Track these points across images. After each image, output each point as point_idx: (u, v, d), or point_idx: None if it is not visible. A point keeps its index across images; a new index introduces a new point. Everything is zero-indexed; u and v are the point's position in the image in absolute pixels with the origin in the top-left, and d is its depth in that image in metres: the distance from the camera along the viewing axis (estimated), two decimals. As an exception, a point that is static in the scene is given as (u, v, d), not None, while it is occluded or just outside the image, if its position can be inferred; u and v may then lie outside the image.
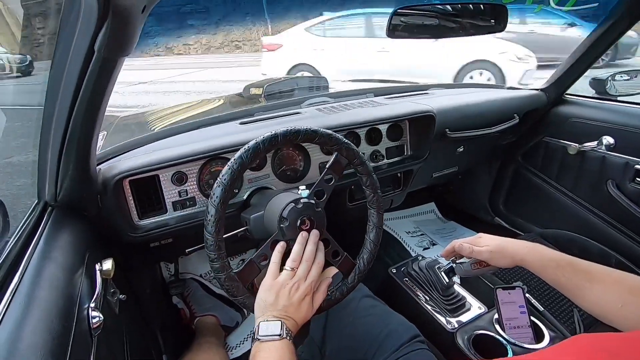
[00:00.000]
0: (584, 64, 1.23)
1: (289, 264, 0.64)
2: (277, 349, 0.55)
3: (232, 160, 0.67)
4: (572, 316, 0.93)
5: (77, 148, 0.62)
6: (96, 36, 0.46)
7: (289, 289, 0.61)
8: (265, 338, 0.55)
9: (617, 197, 1.16)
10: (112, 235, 0.83)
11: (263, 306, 0.60)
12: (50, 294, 0.49)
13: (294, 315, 0.60)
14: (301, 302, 0.62)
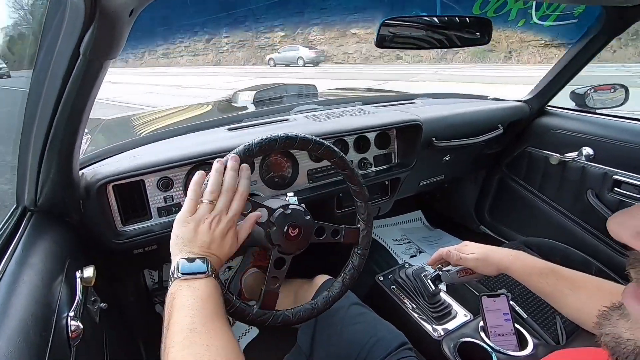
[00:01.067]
0: (564, 78, 1.27)
1: (206, 196, 0.56)
2: (202, 287, 0.49)
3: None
4: (554, 323, 0.94)
5: (59, 152, 0.61)
6: (82, 38, 0.45)
7: (208, 223, 0.54)
8: (187, 276, 0.49)
9: (597, 207, 1.20)
10: (94, 242, 0.81)
11: (180, 243, 0.54)
12: (28, 302, 0.47)
13: (217, 252, 0.54)
14: (224, 237, 0.55)
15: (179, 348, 0.42)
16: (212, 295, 0.49)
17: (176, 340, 0.43)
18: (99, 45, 0.47)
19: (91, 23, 0.44)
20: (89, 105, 0.57)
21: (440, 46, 0.87)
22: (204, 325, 0.45)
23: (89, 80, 0.52)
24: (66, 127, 0.57)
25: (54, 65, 0.52)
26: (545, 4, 9.89)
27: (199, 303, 0.47)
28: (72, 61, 0.49)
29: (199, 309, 0.46)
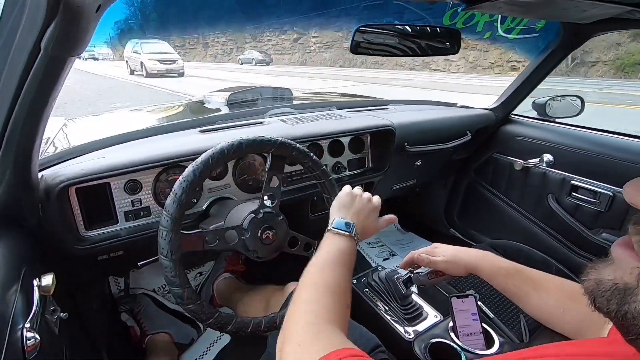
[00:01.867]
0: (527, 88, 1.35)
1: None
2: (344, 242, 0.61)
3: (190, 166, 0.65)
4: (519, 322, 0.98)
5: (16, 152, 0.57)
6: (43, 33, 0.43)
7: (363, 197, 0.71)
8: (336, 230, 0.62)
9: (556, 210, 1.27)
10: (54, 248, 0.76)
11: (339, 207, 0.68)
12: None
13: (363, 223, 0.67)
14: (370, 213, 0.70)
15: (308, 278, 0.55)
16: (347, 251, 0.60)
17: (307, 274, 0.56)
18: (62, 40, 0.44)
19: (54, 17, 0.41)
20: (50, 103, 0.54)
21: (412, 54, 0.90)
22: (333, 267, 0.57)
23: (50, 77, 0.50)
24: (24, 126, 0.54)
25: (12, 60, 0.48)
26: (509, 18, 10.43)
27: (336, 252, 0.59)
28: (32, 57, 0.46)
29: (334, 256, 0.59)
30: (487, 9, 0.73)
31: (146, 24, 45.57)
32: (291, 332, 0.47)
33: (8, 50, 0.48)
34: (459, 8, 0.71)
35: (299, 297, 0.53)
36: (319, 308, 0.50)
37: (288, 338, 0.47)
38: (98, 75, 15.30)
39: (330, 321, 0.48)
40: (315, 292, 0.53)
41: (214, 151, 0.68)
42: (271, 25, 29.76)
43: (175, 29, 37.95)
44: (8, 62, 0.49)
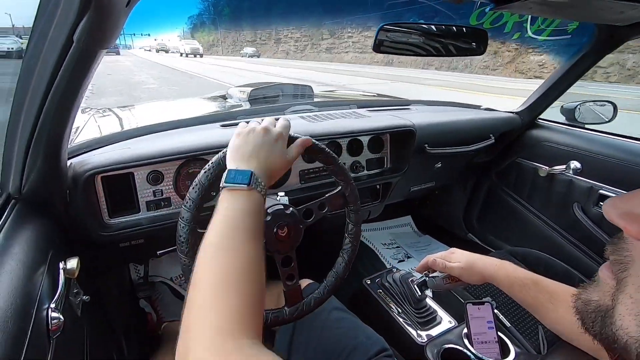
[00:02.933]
0: (556, 92, 1.30)
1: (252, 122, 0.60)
2: (243, 200, 0.49)
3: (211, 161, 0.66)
4: (537, 333, 0.96)
5: (47, 140, 0.59)
6: (76, 26, 0.45)
7: (260, 130, 0.57)
8: (230, 185, 0.50)
9: (582, 220, 1.22)
10: (80, 233, 0.79)
11: (232, 151, 0.56)
12: (8, 292, 0.46)
13: (266, 161, 0.55)
14: (273, 143, 0.56)
15: (202, 264, 0.43)
16: (248, 209, 0.49)
17: (202, 254, 0.44)
18: (93, 33, 0.46)
19: (86, 11, 0.43)
20: (81, 93, 0.56)
21: (436, 54, 0.88)
22: (231, 241, 0.45)
23: (81, 69, 0.51)
24: (55, 115, 0.56)
25: (46, 52, 0.51)
26: (540, 18, 10.07)
27: (233, 215, 0.48)
28: (65, 48, 0.48)
29: (231, 223, 0.47)
30: (517, 9, 0.71)
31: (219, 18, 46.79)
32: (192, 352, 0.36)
33: (43, 43, 0.50)
34: (486, 8, 0.70)
35: (193, 300, 0.41)
36: (223, 316, 0.38)
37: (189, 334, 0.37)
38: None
39: (242, 331, 0.37)
40: (215, 290, 0.40)
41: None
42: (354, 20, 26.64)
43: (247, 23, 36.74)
44: (42, 54, 0.51)
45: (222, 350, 0.35)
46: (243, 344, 0.36)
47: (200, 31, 51.52)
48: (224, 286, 0.41)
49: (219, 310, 0.38)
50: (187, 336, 0.37)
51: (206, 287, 0.41)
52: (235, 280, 0.41)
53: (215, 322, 0.37)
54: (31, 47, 0.52)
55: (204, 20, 51.23)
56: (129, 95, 8.56)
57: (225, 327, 0.37)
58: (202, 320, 0.38)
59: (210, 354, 0.34)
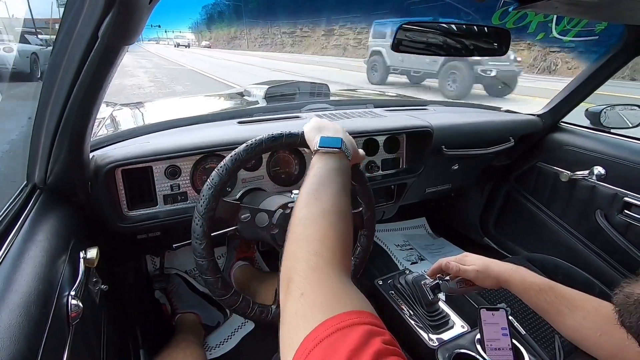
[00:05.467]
0: (580, 95, 1.26)
1: None
2: (335, 160, 0.54)
3: (227, 157, 0.67)
4: (553, 342, 0.93)
5: (71, 133, 0.62)
6: (101, 23, 0.46)
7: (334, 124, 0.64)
8: (324, 148, 0.56)
9: (605, 228, 1.18)
10: (99, 224, 0.82)
11: (317, 128, 0.62)
12: (31, 277, 0.48)
13: (349, 140, 0.61)
14: (345, 130, 0.63)
15: (301, 206, 0.48)
16: (340, 168, 0.54)
17: (300, 203, 0.49)
18: (117, 30, 0.47)
19: (111, 8, 0.44)
20: (104, 88, 0.58)
21: (456, 54, 0.87)
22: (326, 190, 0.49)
23: (105, 64, 0.53)
24: (80, 109, 0.58)
25: (72, 47, 0.52)
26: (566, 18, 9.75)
27: (327, 172, 0.52)
28: (90, 44, 0.50)
29: (326, 177, 0.51)
30: (541, 8, 0.69)
31: (246, 6, 39.00)
32: (291, 278, 0.39)
33: (69, 39, 0.52)
34: (510, 7, 0.68)
35: (295, 231, 0.45)
36: (321, 247, 0.41)
37: (290, 286, 0.38)
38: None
39: (335, 265, 0.40)
40: (314, 225, 0.44)
41: (250, 143, 0.69)
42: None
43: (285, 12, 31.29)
44: (68, 50, 0.53)
45: (321, 276, 0.38)
46: (340, 275, 0.39)
47: (219, 22, 44.04)
48: (322, 224, 0.44)
49: (321, 242, 0.42)
50: (290, 268, 0.40)
51: (308, 224, 0.45)
52: (332, 222, 0.45)
53: (318, 251, 0.41)
54: (58, 43, 0.54)
55: (222, 9, 43.92)
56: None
57: (325, 256, 0.40)
58: (304, 251, 0.41)
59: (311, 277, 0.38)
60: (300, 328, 0.32)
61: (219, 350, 1.18)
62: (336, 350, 0.28)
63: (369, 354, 0.28)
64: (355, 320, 0.31)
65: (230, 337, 1.23)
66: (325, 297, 0.35)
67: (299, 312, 0.34)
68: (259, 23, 30.87)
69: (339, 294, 0.36)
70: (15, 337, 0.39)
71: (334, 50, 25.29)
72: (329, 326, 0.31)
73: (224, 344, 1.21)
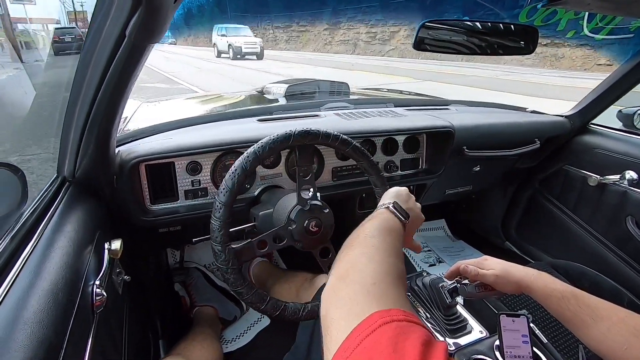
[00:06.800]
0: (613, 95, 1.20)
1: None
2: (396, 223, 0.58)
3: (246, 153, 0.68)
4: (576, 352, 0.90)
5: (99, 129, 0.64)
6: (128, 22, 0.47)
7: (413, 200, 0.70)
8: (393, 210, 0.60)
9: (636, 235, 1.12)
10: (123, 217, 0.84)
11: (395, 196, 0.66)
12: (60, 266, 0.50)
13: (412, 218, 0.66)
14: (419, 213, 0.70)
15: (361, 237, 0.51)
16: (398, 231, 0.57)
17: (360, 234, 0.52)
18: (143, 29, 0.48)
19: (138, 7, 0.45)
20: (130, 86, 0.60)
21: (480, 53, 0.84)
22: (384, 237, 0.52)
23: (131, 62, 0.55)
24: (107, 105, 0.60)
25: (100, 46, 0.54)
26: (598, 15, 9.32)
27: (388, 227, 0.55)
28: (118, 43, 0.51)
29: (386, 229, 0.54)
30: (573, 5, 0.66)
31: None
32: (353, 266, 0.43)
33: (98, 38, 0.54)
34: (538, 4, 0.65)
35: (350, 254, 0.47)
36: (381, 267, 0.43)
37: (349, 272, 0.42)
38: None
39: (393, 282, 0.42)
40: (372, 251, 0.47)
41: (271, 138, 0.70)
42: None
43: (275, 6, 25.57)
44: (97, 48, 0.55)
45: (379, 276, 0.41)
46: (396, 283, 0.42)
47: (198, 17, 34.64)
48: (380, 251, 0.47)
49: (380, 262, 0.44)
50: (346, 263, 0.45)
51: (365, 249, 0.48)
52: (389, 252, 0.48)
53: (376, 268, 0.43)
54: (88, 42, 0.56)
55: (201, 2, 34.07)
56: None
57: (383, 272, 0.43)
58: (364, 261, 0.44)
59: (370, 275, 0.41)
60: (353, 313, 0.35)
61: (234, 344, 1.20)
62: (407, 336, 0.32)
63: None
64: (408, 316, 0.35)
65: (246, 331, 1.25)
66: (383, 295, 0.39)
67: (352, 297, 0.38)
68: (247, 17, 26.02)
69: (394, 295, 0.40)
70: (44, 322, 0.41)
71: (341, 46, 21.73)
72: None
73: (240, 338, 1.22)
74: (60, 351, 0.42)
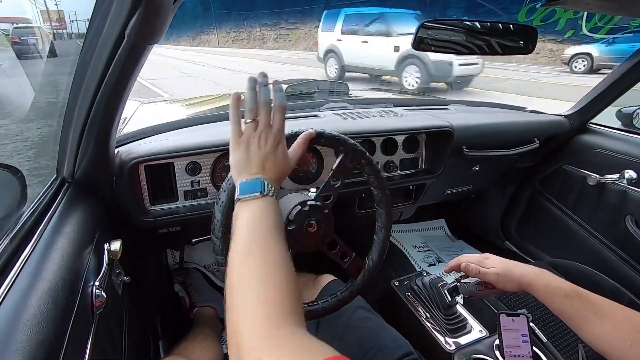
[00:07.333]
0: (613, 94, 1.20)
1: (247, 116, 0.58)
2: (260, 208, 0.51)
3: None
4: (576, 351, 0.90)
5: (98, 129, 0.64)
6: (128, 22, 0.47)
7: (257, 141, 0.56)
8: (245, 197, 0.52)
9: (635, 234, 1.13)
10: (123, 218, 0.84)
11: (237, 167, 0.56)
12: (59, 267, 0.50)
13: (273, 169, 0.56)
14: (275, 151, 0.56)
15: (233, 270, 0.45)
16: (267, 215, 0.51)
17: (234, 262, 0.46)
18: (143, 29, 0.48)
19: (137, 8, 0.45)
20: (129, 86, 0.60)
21: (480, 52, 0.84)
22: (258, 245, 0.47)
23: (131, 63, 0.55)
24: (106, 106, 0.60)
25: (100, 47, 0.54)
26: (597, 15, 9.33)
27: (255, 223, 0.49)
28: (117, 44, 0.51)
29: (254, 229, 0.49)
30: (572, 4, 0.66)
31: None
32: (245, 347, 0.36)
33: (97, 38, 0.54)
34: (537, 4, 0.65)
35: (235, 303, 0.42)
36: (268, 307, 0.39)
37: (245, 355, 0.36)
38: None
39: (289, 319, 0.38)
40: (254, 288, 0.42)
41: None
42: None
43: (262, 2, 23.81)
44: (97, 49, 0.55)
45: (275, 336, 0.36)
46: (294, 330, 0.37)
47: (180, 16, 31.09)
48: (261, 283, 0.42)
49: (264, 303, 0.40)
50: (236, 335, 0.38)
51: (244, 288, 0.42)
52: (271, 276, 0.43)
53: (263, 313, 0.39)
54: (87, 42, 0.56)
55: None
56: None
57: (273, 317, 0.38)
58: (249, 316, 0.39)
59: (264, 342, 0.36)
60: None
61: (235, 345, 1.20)
62: None
63: None
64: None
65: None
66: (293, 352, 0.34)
67: None
68: (232, 15, 24.62)
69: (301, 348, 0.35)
70: (43, 323, 0.41)
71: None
72: None
73: (240, 338, 1.22)
74: (60, 352, 0.42)
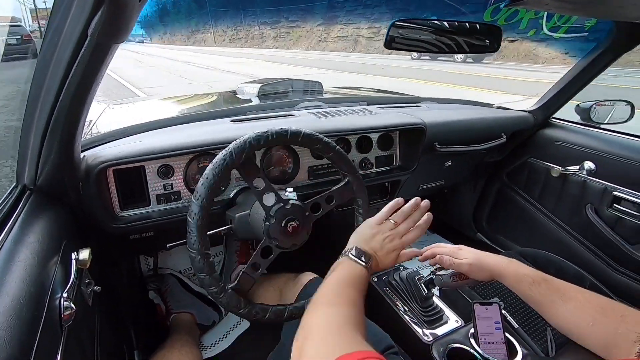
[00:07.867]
0: (571, 91, 1.27)
1: (395, 217, 0.71)
2: (356, 272, 0.60)
3: (218, 156, 0.66)
4: (545, 335, 0.94)
5: (61, 133, 0.61)
6: (90, 21, 0.45)
7: (384, 237, 0.68)
8: (353, 257, 0.62)
9: (595, 222, 1.20)
10: (91, 225, 0.81)
11: (359, 238, 0.67)
12: (22, 280, 0.47)
13: (378, 259, 0.66)
14: (389, 253, 0.68)
15: (316, 307, 0.53)
16: (360, 280, 0.60)
17: (317, 300, 0.55)
18: (107, 28, 0.46)
19: (100, 6, 0.43)
20: (94, 88, 0.57)
21: (449, 51, 0.87)
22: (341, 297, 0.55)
23: (95, 63, 0.52)
24: (69, 108, 0.57)
25: (60, 46, 0.51)
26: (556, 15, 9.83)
27: (349, 279, 0.59)
28: (80, 43, 0.49)
29: (345, 284, 0.58)
30: (533, 5, 0.69)
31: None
32: (312, 328, 0.47)
33: (58, 38, 0.51)
34: (501, 4, 0.68)
35: (316, 306, 0.53)
36: (339, 315, 0.50)
37: (309, 333, 0.47)
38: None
39: (351, 326, 0.48)
40: (333, 304, 0.52)
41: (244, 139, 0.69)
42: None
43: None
44: (57, 49, 0.52)
45: (337, 326, 0.47)
46: (352, 330, 0.46)
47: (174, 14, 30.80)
48: (340, 303, 0.52)
49: (339, 312, 0.50)
50: (312, 318, 0.49)
51: (327, 302, 0.53)
52: (348, 303, 0.53)
53: (336, 316, 0.49)
54: (46, 42, 0.53)
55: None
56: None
57: (341, 320, 0.48)
58: (326, 311, 0.50)
59: (330, 327, 0.47)
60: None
61: (214, 350, 1.18)
62: None
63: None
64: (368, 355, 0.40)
65: (225, 336, 1.23)
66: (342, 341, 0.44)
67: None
68: (228, 13, 23.83)
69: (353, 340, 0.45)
70: (7, 340, 0.39)
71: (339, 43, 19.50)
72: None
73: (220, 343, 1.20)
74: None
